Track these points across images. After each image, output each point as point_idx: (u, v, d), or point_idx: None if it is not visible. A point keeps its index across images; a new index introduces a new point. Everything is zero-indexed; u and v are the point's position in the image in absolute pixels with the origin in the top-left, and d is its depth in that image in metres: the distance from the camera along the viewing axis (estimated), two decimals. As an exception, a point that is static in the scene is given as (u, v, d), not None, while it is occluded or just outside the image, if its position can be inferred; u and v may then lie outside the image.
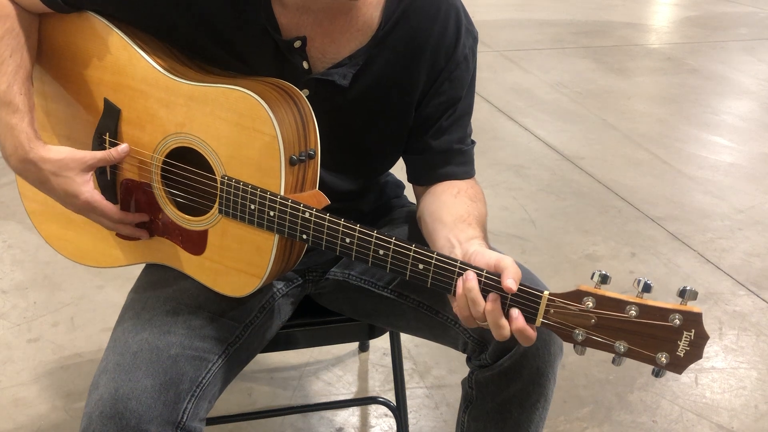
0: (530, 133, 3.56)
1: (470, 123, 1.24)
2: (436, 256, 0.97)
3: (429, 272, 0.98)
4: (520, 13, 6.05)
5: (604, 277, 0.90)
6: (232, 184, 1.05)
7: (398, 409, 1.61)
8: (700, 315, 0.87)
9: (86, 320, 2.08)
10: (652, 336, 0.88)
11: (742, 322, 2.20)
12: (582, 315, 0.91)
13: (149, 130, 1.11)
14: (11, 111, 1.09)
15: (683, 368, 0.89)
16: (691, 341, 0.87)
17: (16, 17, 1.11)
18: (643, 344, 0.89)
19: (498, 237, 2.58)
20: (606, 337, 0.90)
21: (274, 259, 1.07)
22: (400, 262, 0.99)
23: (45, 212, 1.24)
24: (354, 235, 1.00)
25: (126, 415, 0.97)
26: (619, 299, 0.89)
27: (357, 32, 1.12)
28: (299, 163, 1.05)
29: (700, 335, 0.87)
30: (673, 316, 0.87)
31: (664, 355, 0.88)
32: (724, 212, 2.86)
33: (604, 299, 0.90)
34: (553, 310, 0.92)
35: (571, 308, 0.91)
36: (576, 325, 0.91)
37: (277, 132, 1.01)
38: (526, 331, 0.92)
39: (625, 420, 1.81)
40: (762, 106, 4.09)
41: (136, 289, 1.18)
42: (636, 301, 0.89)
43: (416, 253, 0.98)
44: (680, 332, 0.87)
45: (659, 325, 0.88)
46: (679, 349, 0.88)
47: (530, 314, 0.93)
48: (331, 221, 1.01)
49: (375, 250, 1.00)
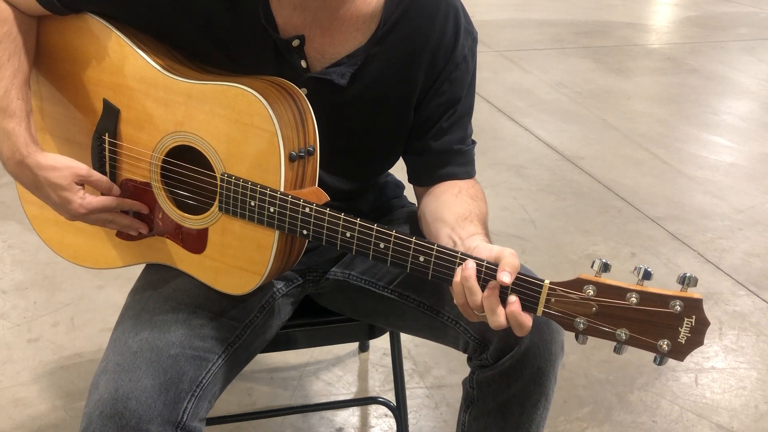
0: (530, 133, 3.56)
1: (471, 123, 1.24)
2: (437, 247, 0.97)
3: (430, 264, 0.98)
4: (520, 13, 6.05)
5: (605, 265, 0.90)
6: (232, 181, 1.05)
7: (398, 409, 1.61)
8: (700, 301, 0.87)
9: (86, 320, 2.08)
10: (654, 323, 0.88)
11: (742, 322, 2.20)
12: (583, 303, 0.91)
13: (148, 130, 1.11)
14: (8, 116, 1.09)
15: (685, 355, 0.89)
16: (692, 327, 0.87)
17: (14, 21, 1.11)
18: (644, 331, 0.89)
19: (498, 237, 2.58)
20: (607, 325, 0.90)
21: (275, 256, 1.06)
22: (400, 254, 0.99)
23: (45, 216, 1.24)
24: (354, 229, 1.01)
25: (126, 414, 0.97)
26: (619, 287, 0.89)
27: (356, 32, 1.12)
28: (299, 160, 1.05)
29: (701, 321, 0.87)
30: (674, 303, 0.87)
31: (666, 342, 0.88)
32: (724, 212, 2.86)
33: (604, 287, 0.90)
34: (554, 299, 0.92)
35: (572, 296, 0.91)
36: (577, 314, 0.91)
37: (277, 128, 1.01)
38: (521, 316, 0.92)
39: (625, 420, 1.81)
40: (762, 106, 4.09)
41: (136, 289, 1.18)
42: (636, 288, 0.89)
43: (417, 245, 0.98)
44: (681, 318, 0.87)
45: (660, 311, 0.87)
46: (681, 335, 0.88)
47: (531, 303, 0.93)
48: (332, 215, 1.01)
49: (375, 243, 1.00)
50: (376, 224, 1.00)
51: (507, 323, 0.93)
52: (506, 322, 0.93)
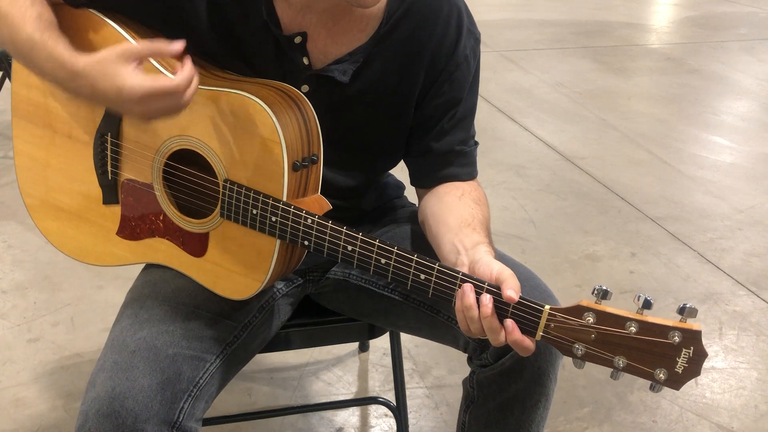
0: (530, 133, 3.56)
1: (473, 124, 1.24)
2: (438, 267, 0.97)
3: (431, 283, 0.98)
4: (520, 13, 6.05)
5: (604, 292, 0.90)
6: (234, 189, 1.05)
7: (398, 409, 1.61)
8: (699, 333, 0.87)
9: (86, 320, 2.08)
10: (651, 352, 0.89)
11: (742, 322, 2.20)
12: (582, 330, 0.91)
13: (151, 132, 1.11)
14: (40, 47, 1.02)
15: (681, 384, 0.89)
16: (689, 358, 0.88)
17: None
18: (641, 360, 0.89)
19: (498, 237, 2.58)
20: (605, 353, 0.91)
21: (275, 264, 1.06)
22: (401, 272, 0.99)
23: (43, 208, 1.24)
24: (356, 244, 1.00)
25: (122, 413, 0.97)
26: (619, 315, 0.89)
27: (359, 31, 1.12)
28: (302, 169, 1.04)
29: (699, 353, 0.87)
30: (672, 334, 0.87)
31: (663, 371, 0.89)
32: (724, 212, 2.86)
33: (604, 315, 0.90)
34: (553, 325, 0.92)
35: (571, 323, 0.91)
36: (576, 340, 0.91)
37: (281, 137, 1.01)
38: (524, 341, 0.93)
39: (625, 420, 1.81)
40: (762, 106, 4.09)
41: (135, 288, 1.18)
42: (636, 317, 0.89)
43: (418, 264, 0.98)
44: (679, 349, 0.87)
45: (658, 342, 0.88)
46: (678, 365, 0.88)
47: (530, 328, 0.93)
48: (333, 229, 1.01)
49: (377, 259, 1.00)
50: (377, 240, 0.99)
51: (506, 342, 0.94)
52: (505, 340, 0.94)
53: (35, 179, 1.24)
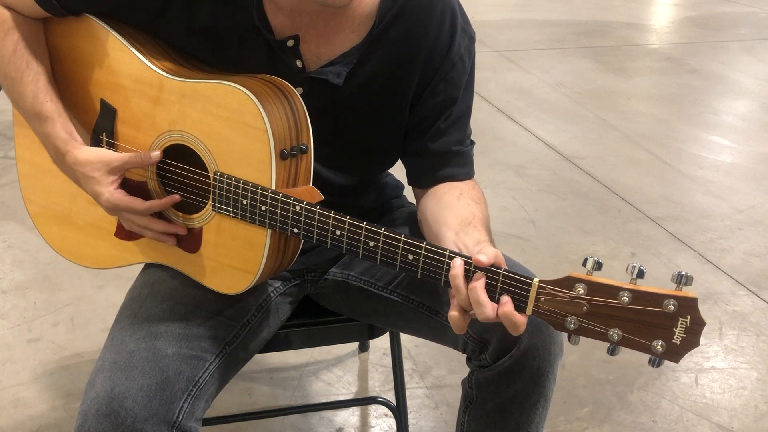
0: (530, 133, 3.56)
1: (469, 124, 1.24)
2: (426, 245, 0.97)
3: (419, 263, 0.97)
4: (520, 13, 6.05)
5: (597, 263, 0.88)
6: (224, 180, 1.05)
7: (398, 409, 1.61)
8: (695, 300, 0.84)
9: (86, 320, 2.08)
10: (647, 323, 0.86)
11: (742, 322, 2.20)
12: (573, 302, 0.88)
13: (144, 129, 1.11)
14: (42, 121, 1.11)
15: (680, 356, 0.86)
16: (687, 328, 0.84)
17: (23, 26, 1.12)
18: (637, 331, 0.86)
19: (498, 237, 2.58)
20: (599, 325, 0.88)
21: (268, 255, 1.07)
22: (390, 252, 0.99)
23: (46, 214, 1.25)
24: (344, 228, 1.01)
25: (121, 413, 0.97)
26: (611, 285, 0.87)
27: (351, 32, 1.12)
28: (291, 158, 1.05)
29: (696, 321, 0.84)
30: (667, 302, 0.84)
31: (660, 342, 0.86)
32: (724, 212, 2.86)
33: (595, 285, 0.87)
34: (543, 298, 0.90)
35: (562, 295, 0.89)
36: (568, 313, 0.89)
37: (267, 126, 1.01)
38: (514, 316, 0.91)
39: (625, 420, 1.81)
40: (762, 106, 4.09)
41: (134, 288, 1.18)
42: (629, 287, 0.86)
43: (406, 244, 0.98)
44: (675, 318, 0.84)
45: (654, 311, 0.85)
46: (675, 336, 0.85)
47: (521, 303, 0.91)
48: (321, 214, 1.01)
49: (365, 242, 1.00)
50: (365, 222, 1.00)
51: (496, 318, 0.92)
52: (494, 315, 0.92)
53: (37, 186, 1.25)
